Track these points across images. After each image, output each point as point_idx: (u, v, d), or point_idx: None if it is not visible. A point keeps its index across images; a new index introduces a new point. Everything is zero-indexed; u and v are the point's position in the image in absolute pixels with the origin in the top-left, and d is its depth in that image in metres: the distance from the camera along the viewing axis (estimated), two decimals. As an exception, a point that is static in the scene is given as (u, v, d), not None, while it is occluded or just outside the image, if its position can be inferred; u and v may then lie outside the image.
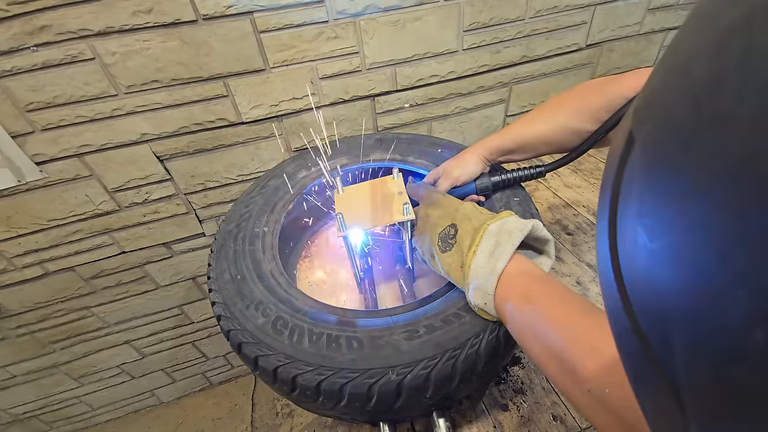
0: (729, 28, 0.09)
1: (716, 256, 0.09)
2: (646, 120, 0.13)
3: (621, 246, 0.13)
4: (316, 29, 0.77)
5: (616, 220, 0.13)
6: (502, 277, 0.40)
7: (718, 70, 0.09)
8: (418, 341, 0.43)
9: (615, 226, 0.14)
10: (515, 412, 0.54)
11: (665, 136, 0.11)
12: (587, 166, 0.98)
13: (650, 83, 0.13)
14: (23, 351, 1.02)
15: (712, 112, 0.09)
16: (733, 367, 0.08)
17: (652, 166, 0.12)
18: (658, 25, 1.06)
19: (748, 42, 0.09)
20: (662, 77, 0.13)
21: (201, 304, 1.14)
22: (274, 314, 0.48)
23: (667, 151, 0.11)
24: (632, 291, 0.12)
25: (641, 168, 0.12)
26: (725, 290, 0.08)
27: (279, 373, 0.43)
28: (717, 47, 0.10)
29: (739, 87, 0.09)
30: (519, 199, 0.58)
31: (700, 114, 0.10)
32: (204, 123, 0.81)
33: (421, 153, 0.74)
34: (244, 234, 0.60)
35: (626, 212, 0.13)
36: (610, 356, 0.29)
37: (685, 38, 0.12)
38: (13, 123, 0.70)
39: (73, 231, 0.86)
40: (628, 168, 0.13)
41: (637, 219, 0.12)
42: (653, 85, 0.13)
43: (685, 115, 0.10)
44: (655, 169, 0.11)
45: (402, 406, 0.43)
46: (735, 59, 0.09)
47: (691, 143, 0.10)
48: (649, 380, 0.12)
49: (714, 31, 0.10)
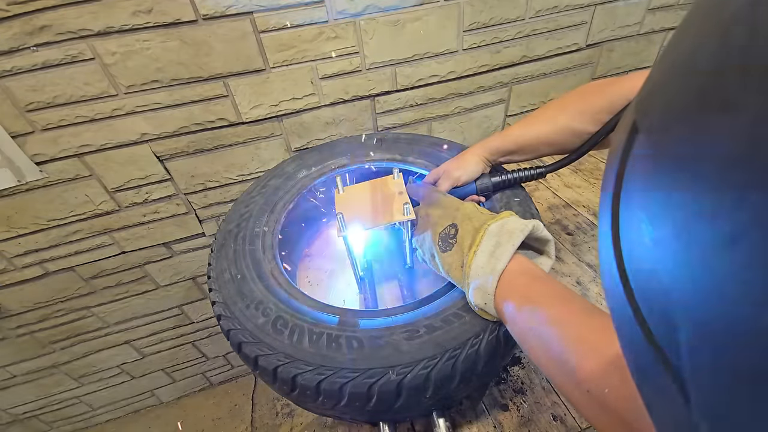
0: (733, 15, 0.10)
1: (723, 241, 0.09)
2: (650, 110, 0.13)
3: (624, 235, 0.13)
4: (316, 29, 0.77)
5: (619, 210, 0.13)
6: (503, 277, 0.40)
7: (722, 58, 0.10)
8: (418, 341, 0.43)
9: (618, 215, 0.13)
10: (515, 412, 0.54)
11: (670, 124, 0.11)
12: (587, 166, 0.98)
13: (654, 74, 0.13)
14: (23, 351, 1.02)
15: (717, 99, 0.09)
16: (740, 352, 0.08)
17: (657, 154, 0.12)
18: (658, 25, 1.06)
19: (752, 28, 0.09)
20: (666, 67, 0.13)
21: (201, 304, 1.14)
22: (274, 314, 0.48)
23: (672, 139, 0.11)
24: (635, 279, 0.12)
25: (645, 156, 0.12)
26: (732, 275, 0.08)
27: (279, 373, 0.43)
28: (721, 35, 0.10)
29: (743, 74, 0.09)
30: (519, 200, 0.58)
31: (705, 101, 0.10)
32: (204, 123, 0.81)
33: (421, 153, 0.74)
34: (245, 233, 0.60)
35: (630, 201, 0.13)
36: (610, 357, 0.29)
37: (689, 28, 0.12)
38: (13, 123, 0.70)
39: (73, 231, 0.86)
40: (631, 158, 0.13)
41: (641, 208, 0.12)
42: (657, 76, 0.13)
43: (689, 103, 0.10)
44: (660, 157, 0.11)
45: (402, 406, 0.43)
46: (739, 46, 0.09)
47: (697, 130, 0.10)
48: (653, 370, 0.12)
49: (718, 20, 0.10)
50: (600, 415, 0.29)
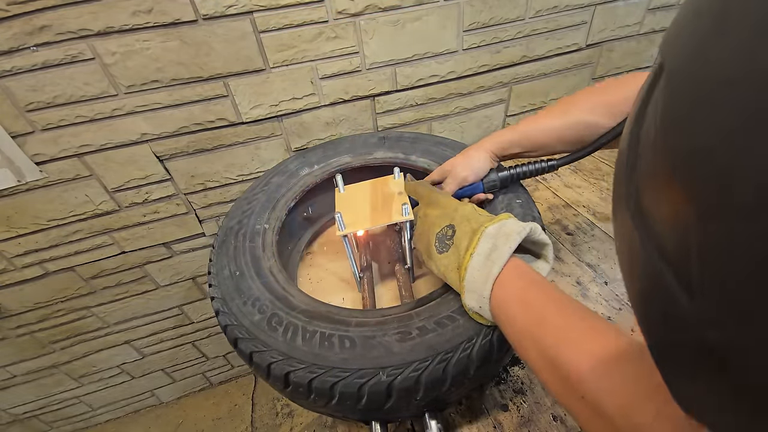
0: None
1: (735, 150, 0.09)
2: (676, 45, 0.14)
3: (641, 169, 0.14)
4: (316, 29, 0.77)
5: (639, 145, 0.14)
6: (498, 281, 0.39)
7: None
8: (411, 343, 0.43)
9: (637, 146, 0.14)
10: (515, 412, 0.54)
11: (694, 56, 0.12)
12: (587, 166, 0.98)
13: (678, 20, 0.14)
14: (23, 351, 1.02)
15: (739, 30, 0.10)
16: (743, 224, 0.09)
17: (682, 83, 0.12)
18: (658, 25, 1.06)
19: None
20: (689, 13, 0.13)
21: (201, 304, 1.14)
22: (270, 311, 0.48)
23: (696, 70, 0.12)
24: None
25: (670, 88, 0.13)
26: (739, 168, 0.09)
27: (272, 370, 0.43)
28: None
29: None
30: (521, 201, 0.58)
31: (726, 32, 0.11)
32: (204, 123, 0.81)
33: (425, 151, 0.74)
34: (245, 230, 0.60)
35: (649, 133, 0.14)
36: (604, 362, 0.29)
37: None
38: (13, 123, 0.70)
39: (73, 231, 0.86)
40: (655, 95, 0.14)
41: (663, 135, 0.13)
42: (680, 19, 0.14)
43: (713, 35, 0.11)
44: (685, 85, 0.12)
45: (392, 407, 0.43)
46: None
47: (718, 58, 0.11)
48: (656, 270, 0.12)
49: None
50: (593, 420, 0.29)
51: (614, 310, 0.63)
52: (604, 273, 0.70)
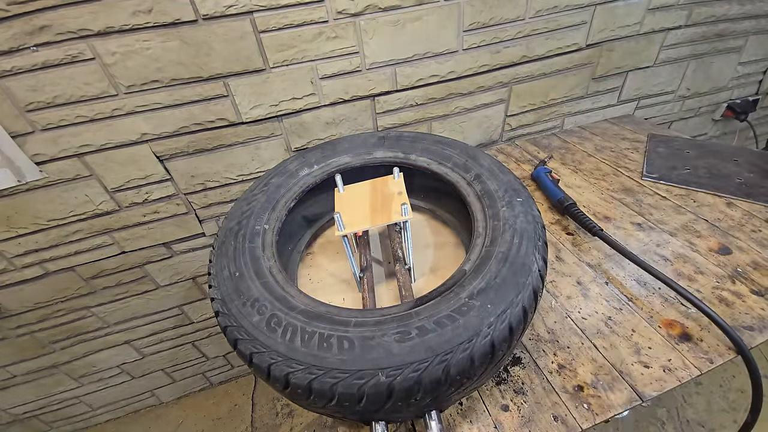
0: None
1: None
2: None
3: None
4: (316, 29, 0.77)
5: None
6: None
7: None
8: (410, 343, 0.42)
9: None
10: (516, 412, 0.54)
11: None
12: (587, 167, 0.98)
13: None
14: (23, 351, 1.02)
15: None
16: None
17: None
18: (658, 25, 1.06)
19: None
20: None
21: (201, 304, 1.14)
22: (269, 312, 0.48)
23: None
24: None
25: None
26: None
27: (272, 371, 0.43)
28: None
29: None
30: (522, 200, 0.58)
31: None
32: (204, 123, 0.81)
33: (424, 150, 0.73)
34: (245, 231, 0.60)
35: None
36: None
37: None
38: (13, 123, 0.70)
39: (73, 231, 0.86)
40: None
41: None
42: None
43: None
44: None
45: (392, 408, 0.42)
46: None
47: None
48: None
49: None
50: None
51: (614, 310, 0.63)
52: (604, 273, 0.70)
